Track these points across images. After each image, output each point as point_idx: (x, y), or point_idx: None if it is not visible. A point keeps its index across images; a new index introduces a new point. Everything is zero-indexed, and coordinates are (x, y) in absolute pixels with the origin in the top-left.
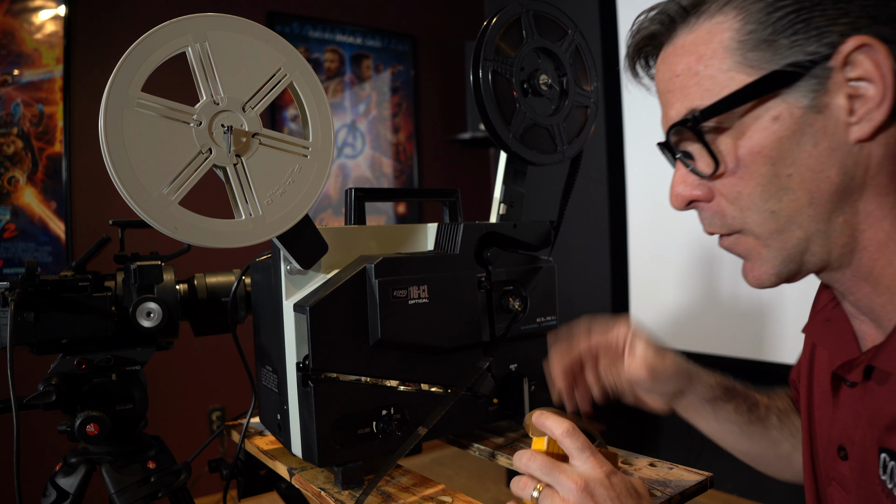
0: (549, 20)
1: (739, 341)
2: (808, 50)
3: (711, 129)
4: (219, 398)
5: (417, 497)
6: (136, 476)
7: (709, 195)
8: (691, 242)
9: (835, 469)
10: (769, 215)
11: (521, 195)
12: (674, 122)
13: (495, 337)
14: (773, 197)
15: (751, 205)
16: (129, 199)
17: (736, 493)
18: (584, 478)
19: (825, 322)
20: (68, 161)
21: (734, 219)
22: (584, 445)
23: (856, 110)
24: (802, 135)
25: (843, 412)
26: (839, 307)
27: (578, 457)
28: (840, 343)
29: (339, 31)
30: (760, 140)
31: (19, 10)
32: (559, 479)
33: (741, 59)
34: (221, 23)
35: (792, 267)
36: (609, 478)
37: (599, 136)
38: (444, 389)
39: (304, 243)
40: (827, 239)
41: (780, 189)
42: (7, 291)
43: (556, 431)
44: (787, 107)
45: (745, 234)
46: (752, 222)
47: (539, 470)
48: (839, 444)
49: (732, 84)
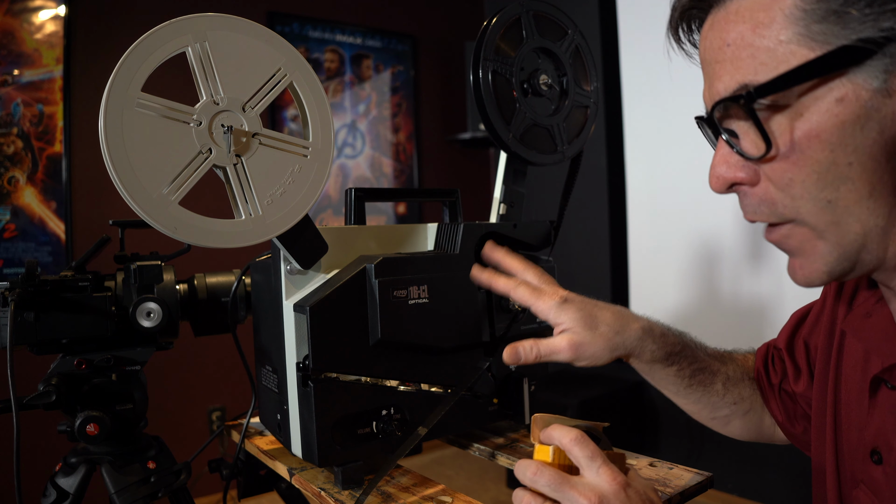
0: (549, 20)
1: (739, 341)
2: (882, 25)
3: (765, 108)
4: (219, 398)
5: (417, 497)
6: (136, 476)
7: (754, 179)
8: (691, 242)
9: (865, 472)
10: (825, 205)
11: (521, 195)
12: (722, 98)
13: (495, 337)
14: (829, 186)
15: (804, 193)
16: (129, 199)
17: (736, 493)
18: (598, 493)
19: (866, 317)
20: (68, 161)
21: (785, 207)
22: (595, 454)
23: None
24: (868, 120)
25: (881, 414)
26: (881, 302)
27: (589, 467)
28: (882, 341)
29: (339, 31)
30: (820, 123)
31: (19, 10)
32: (570, 495)
33: (804, 31)
34: (221, 23)
35: (846, 265)
36: (625, 490)
37: (599, 136)
38: (444, 389)
39: (304, 243)
40: (885, 235)
41: (839, 178)
42: (7, 291)
43: (563, 441)
44: (853, 88)
45: (799, 224)
46: (805, 212)
47: (547, 486)
48: (873, 447)
49: (793, 59)
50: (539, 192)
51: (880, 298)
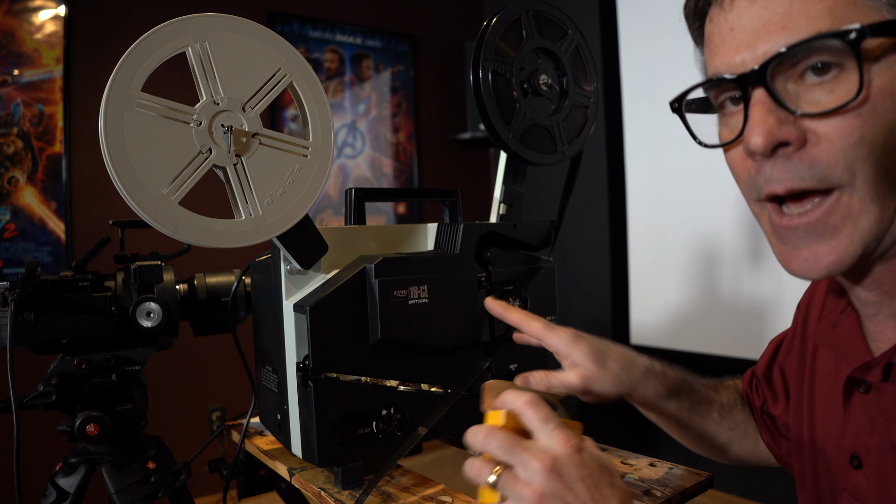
0: (549, 20)
1: (739, 341)
2: None
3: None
4: (219, 398)
5: (417, 497)
6: (136, 476)
7: (801, 139)
8: (691, 242)
9: (846, 479)
10: (884, 173)
11: (521, 195)
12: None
13: (495, 337)
14: (891, 150)
15: (870, 154)
16: (129, 199)
17: (736, 493)
18: (551, 456)
19: (833, 327)
20: (68, 161)
21: (844, 169)
22: (549, 416)
23: None
24: None
25: (856, 419)
26: (847, 312)
27: (542, 430)
28: (850, 347)
29: (339, 31)
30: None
31: (19, 10)
32: (522, 458)
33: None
34: (221, 23)
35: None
36: (579, 453)
37: (599, 136)
38: (444, 389)
39: (304, 243)
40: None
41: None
42: (7, 291)
43: (516, 404)
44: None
45: (847, 193)
46: (863, 177)
47: (499, 448)
48: (852, 453)
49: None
50: (539, 192)
51: (846, 307)
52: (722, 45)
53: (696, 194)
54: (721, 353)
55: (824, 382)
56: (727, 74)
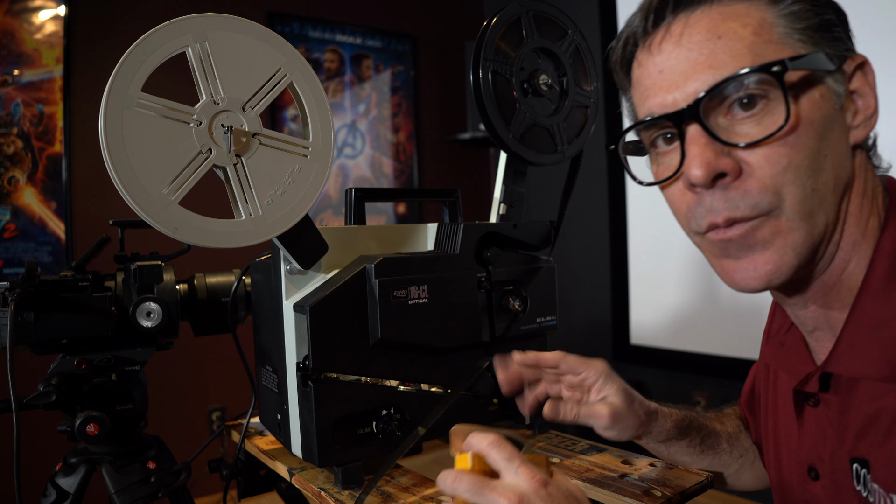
0: (549, 20)
1: (739, 341)
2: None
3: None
4: (219, 398)
5: (417, 497)
6: (136, 476)
7: (737, 170)
8: (691, 243)
9: (806, 491)
10: (809, 193)
11: (521, 195)
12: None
13: (495, 337)
14: (814, 174)
15: (796, 179)
16: (129, 199)
17: (736, 494)
18: (518, 493)
19: (780, 346)
20: (68, 161)
21: (773, 195)
22: (513, 455)
23: (857, 116)
24: (835, 122)
25: (810, 432)
26: (792, 329)
27: (507, 468)
28: (796, 362)
29: (339, 31)
30: (812, 112)
31: (19, 10)
32: (490, 497)
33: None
34: (221, 23)
35: (807, 258)
36: (545, 487)
37: (599, 136)
38: (444, 389)
39: (304, 243)
40: (834, 232)
41: (819, 168)
42: (7, 291)
43: (481, 445)
44: (829, 91)
45: (774, 215)
46: (791, 199)
47: (468, 491)
48: (809, 465)
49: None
50: (539, 192)
51: (791, 326)
52: (652, 87)
53: None
54: (721, 353)
55: (783, 399)
56: (661, 113)
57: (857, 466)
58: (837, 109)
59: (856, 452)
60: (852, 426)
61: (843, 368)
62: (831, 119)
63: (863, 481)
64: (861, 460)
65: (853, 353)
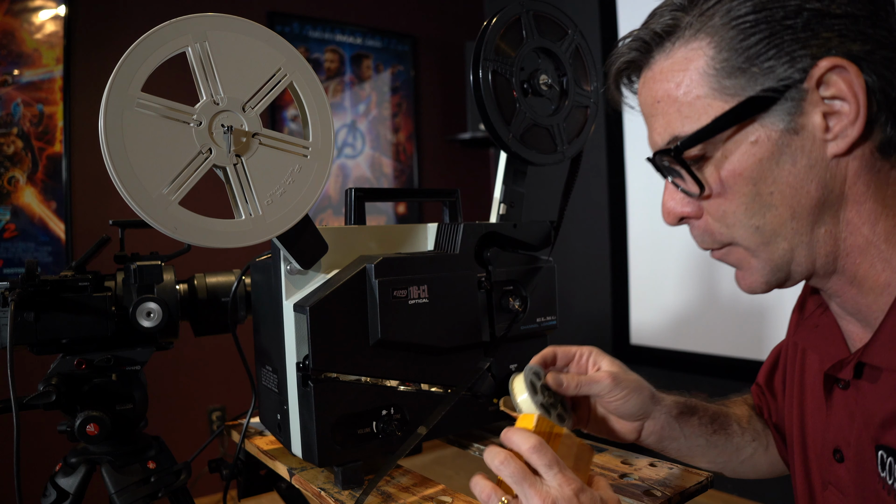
0: (549, 20)
1: (739, 341)
2: (781, 75)
3: (694, 156)
4: (219, 398)
5: (417, 497)
6: (136, 476)
7: (698, 213)
8: (691, 243)
9: (830, 472)
10: (754, 231)
11: (521, 195)
12: (658, 149)
13: (495, 337)
14: (756, 214)
15: (736, 222)
16: (129, 199)
17: (736, 494)
18: (552, 497)
19: (814, 328)
20: (68, 161)
21: (722, 234)
22: (552, 461)
23: (832, 128)
24: (781, 155)
25: (837, 414)
26: (826, 312)
27: (546, 474)
28: (829, 345)
29: (339, 31)
30: (741, 163)
31: (19, 10)
32: (528, 492)
33: (718, 87)
34: (221, 23)
35: (780, 276)
36: (578, 496)
37: (599, 136)
38: (444, 389)
39: (304, 243)
40: (811, 249)
41: (763, 206)
42: (7, 291)
43: (522, 448)
44: (764, 131)
45: (736, 245)
46: (739, 237)
47: (510, 476)
48: (834, 447)
49: (711, 112)
50: (539, 192)
51: (824, 307)
52: None
53: None
54: (721, 353)
55: (812, 378)
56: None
57: (883, 454)
58: (789, 137)
59: (881, 440)
60: (881, 413)
61: (882, 360)
62: (776, 152)
63: (888, 468)
64: (887, 448)
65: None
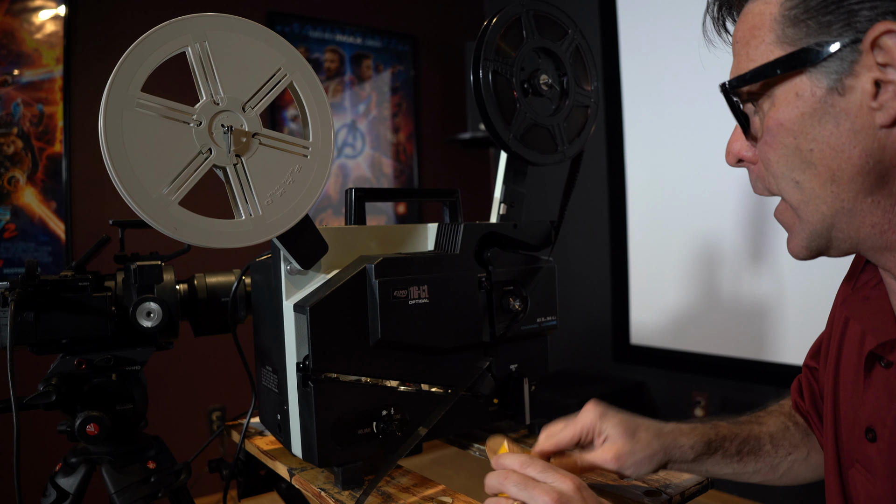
0: (550, 20)
1: (739, 341)
2: (835, 31)
3: (752, 97)
4: (219, 398)
5: (417, 497)
6: (136, 476)
7: (755, 158)
8: (691, 243)
9: (860, 451)
10: (794, 185)
11: (522, 195)
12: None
13: (495, 337)
14: (796, 168)
15: (778, 172)
16: (129, 199)
17: (736, 493)
18: (558, 491)
19: (864, 300)
20: (68, 161)
21: (769, 183)
22: (545, 468)
23: (879, 96)
24: (824, 114)
25: (875, 393)
26: (880, 285)
27: (545, 478)
28: (878, 320)
29: (339, 31)
30: (785, 113)
31: (19, 10)
32: (534, 494)
33: (781, 34)
34: (221, 23)
35: (821, 242)
36: (580, 491)
37: (599, 136)
38: (444, 389)
39: (304, 243)
40: (853, 217)
41: (803, 162)
42: (7, 291)
43: (515, 465)
44: (810, 85)
45: (784, 201)
46: (783, 189)
47: (514, 486)
48: (867, 426)
49: (769, 56)
50: (539, 192)
51: (878, 280)
52: None
53: (695, 194)
54: (721, 353)
55: (849, 352)
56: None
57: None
58: (834, 97)
59: None
60: None
61: None
62: (819, 111)
63: None
64: None
65: None
